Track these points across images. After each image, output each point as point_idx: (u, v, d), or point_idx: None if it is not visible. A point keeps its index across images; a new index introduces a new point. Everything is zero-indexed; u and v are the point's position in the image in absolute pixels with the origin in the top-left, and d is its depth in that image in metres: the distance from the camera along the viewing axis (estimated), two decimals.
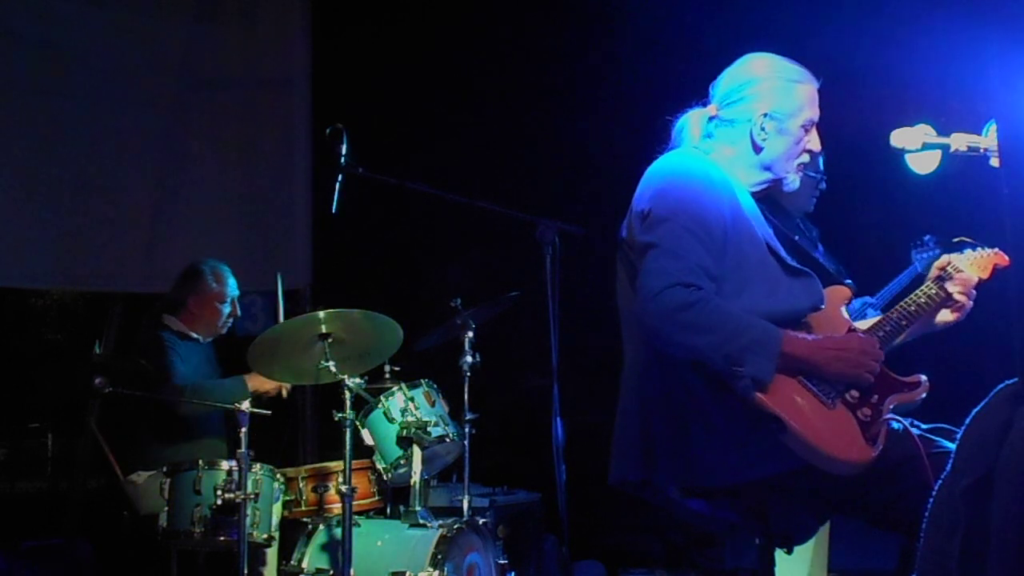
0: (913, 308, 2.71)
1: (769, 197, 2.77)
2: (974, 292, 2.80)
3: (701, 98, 2.76)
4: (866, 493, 2.44)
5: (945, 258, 2.84)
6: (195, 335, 4.48)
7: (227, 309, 4.52)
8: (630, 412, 2.60)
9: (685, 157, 2.64)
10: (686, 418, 2.48)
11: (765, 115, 2.64)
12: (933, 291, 2.76)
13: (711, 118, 2.71)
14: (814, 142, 2.72)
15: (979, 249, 2.86)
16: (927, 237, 3.19)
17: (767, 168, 2.69)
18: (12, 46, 5.40)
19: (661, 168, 2.63)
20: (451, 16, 6.45)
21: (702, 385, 2.44)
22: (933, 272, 2.83)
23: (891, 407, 2.52)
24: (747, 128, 2.66)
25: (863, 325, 2.69)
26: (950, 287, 2.77)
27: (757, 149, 2.67)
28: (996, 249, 2.85)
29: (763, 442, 2.39)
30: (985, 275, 2.83)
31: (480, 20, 6.44)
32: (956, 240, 2.89)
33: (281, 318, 4.47)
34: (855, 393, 2.48)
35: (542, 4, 6.39)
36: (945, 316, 2.81)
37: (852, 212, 5.03)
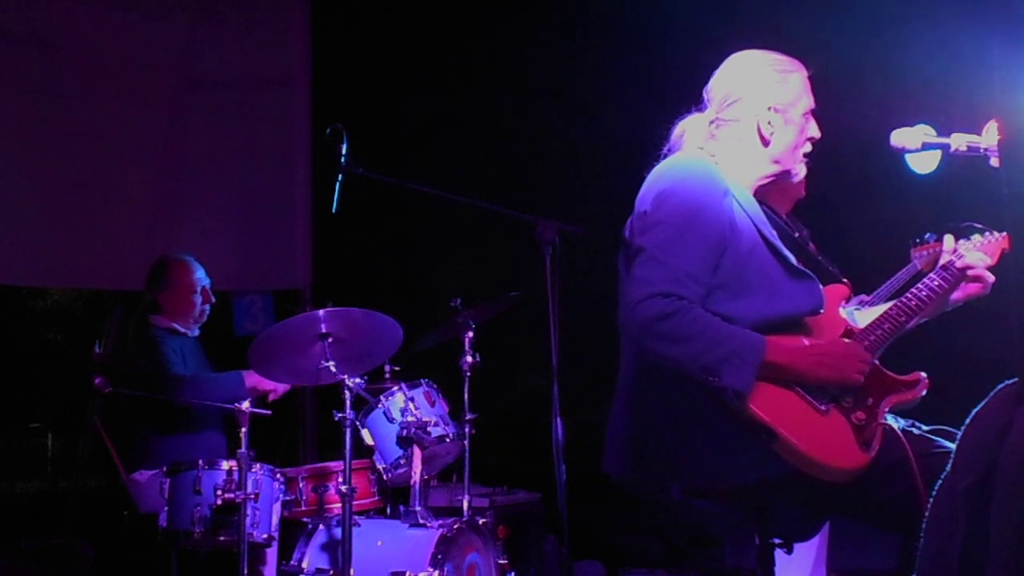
0: (914, 303, 2.69)
1: (761, 198, 2.76)
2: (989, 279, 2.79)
3: (699, 99, 2.76)
4: (865, 493, 2.44)
5: (950, 246, 2.83)
6: (180, 328, 4.49)
7: (198, 298, 4.53)
8: (628, 411, 2.60)
9: (689, 161, 2.64)
10: (684, 421, 2.47)
11: (770, 109, 2.65)
12: (936, 283, 2.74)
13: (712, 121, 2.71)
14: (814, 129, 2.73)
15: (987, 234, 2.85)
16: (928, 235, 3.17)
17: (776, 161, 2.69)
18: (12, 46, 5.40)
19: (665, 170, 2.63)
20: (451, 16, 6.45)
21: (699, 389, 2.44)
22: (942, 260, 2.81)
23: (888, 408, 2.51)
24: (753, 124, 2.66)
25: (862, 321, 2.68)
26: (964, 264, 2.75)
27: (765, 143, 2.66)
28: (1004, 233, 2.82)
29: (761, 445, 2.39)
30: (993, 261, 2.82)
31: (480, 20, 6.44)
32: (964, 225, 2.88)
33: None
34: (848, 397, 2.48)
35: (542, 4, 6.39)
36: (958, 294, 2.78)
37: (851, 212, 5.03)
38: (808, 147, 2.73)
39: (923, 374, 2.57)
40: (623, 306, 2.46)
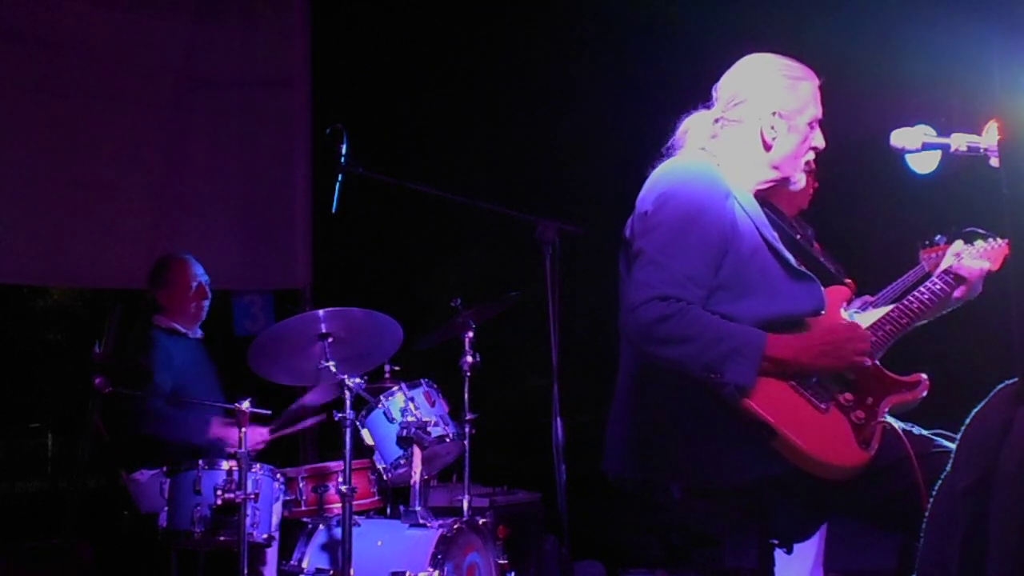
0: (916, 306, 2.70)
1: (764, 199, 2.76)
2: (980, 285, 2.79)
3: (701, 99, 2.76)
4: (865, 492, 2.44)
5: (954, 250, 2.83)
6: (181, 328, 4.49)
7: (195, 295, 4.52)
8: (627, 411, 2.60)
9: (691, 163, 2.63)
10: (684, 420, 2.47)
11: (774, 113, 2.64)
12: (938, 287, 2.75)
13: (716, 119, 2.70)
14: (819, 140, 2.71)
15: (991, 240, 2.85)
16: (938, 237, 3.16)
17: (776, 167, 2.68)
18: (12, 46, 5.40)
19: (667, 172, 2.62)
20: (451, 16, 6.46)
21: (699, 388, 2.44)
22: (943, 264, 2.81)
23: (888, 408, 2.51)
24: (756, 127, 2.65)
25: (863, 323, 2.68)
26: (960, 269, 2.74)
27: (767, 147, 2.66)
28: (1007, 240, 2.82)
29: (761, 444, 2.39)
30: (996, 266, 2.82)
31: (480, 20, 6.45)
32: (968, 230, 2.88)
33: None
34: (848, 396, 2.47)
35: (542, 4, 6.39)
36: (956, 292, 2.79)
37: (852, 212, 5.03)
38: (811, 156, 2.72)
39: (924, 375, 2.57)
40: (624, 310, 2.46)
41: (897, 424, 2.51)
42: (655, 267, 2.44)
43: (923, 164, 2.74)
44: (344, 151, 3.80)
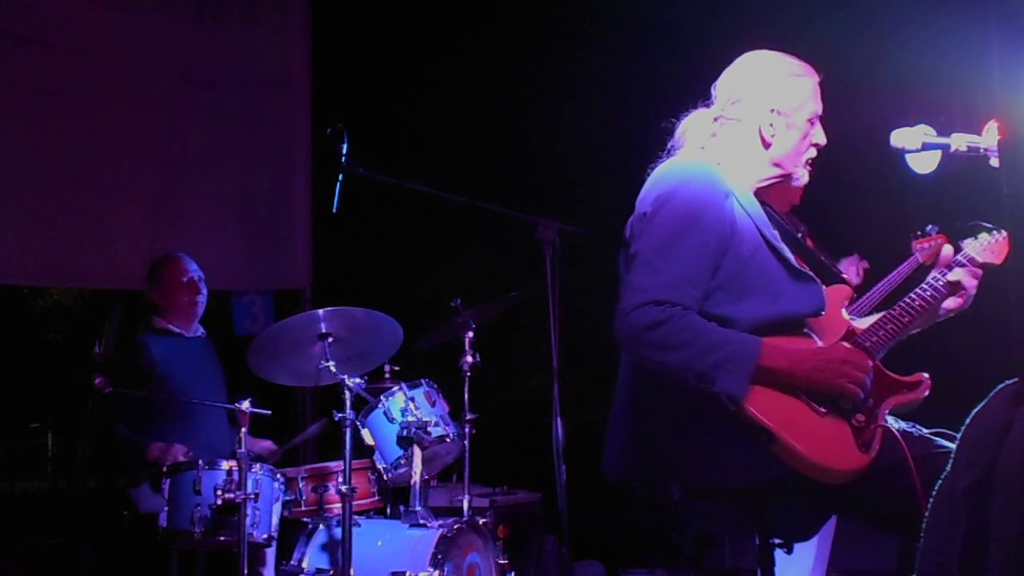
0: (918, 303, 2.67)
1: (761, 198, 2.75)
2: (978, 275, 2.75)
3: (701, 97, 2.76)
4: (865, 494, 2.43)
5: (952, 247, 2.81)
6: (176, 329, 4.48)
7: (187, 292, 4.52)
8: (627, 411, 2.60)
9: (690, 164, 2.62)
10: (684, 421, 2.47)
11: (772, 111, 2.63)
12: (940, 283, 2.72)
13: (716, 118, 2.70)
14: (820, 136, 2.70)
15: (994, 233, 2.83)
16: (929, 227, 3.15)
17: (776, 164, 2.67)
18: (12, 46, 5.40)
19: (666, 173, 2.61)
20: (451, 16, 6.46)
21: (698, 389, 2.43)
22: (942, 260, 2.78)
23: (889, 409, 2.50)
24: (755, 125, 2.64)
25: (864, 323, 2.67)
26: (959, 275, 2.71)
27: (766, 145, 2.65)
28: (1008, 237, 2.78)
29: (761, 446, 2.38)
30: (999, 260, 2.78)
31: (480, 20, 6.45)
32: (971, 224, 2.86)
33: None
34: (848, 401, 2.46)
35: (542, 5, 6.39)
36: (950, 303, 2.74)
37: (851, 211, 5.03)
38: (813, 153, 2.71)
39: (925, 375, 2.56)
40: (617, 314, 2.45)
41: (898, 424, 2.51)
42: (650, 270, 2.43)
43: (923, 164, 2.74)
44: (344, 151, 3.80)
